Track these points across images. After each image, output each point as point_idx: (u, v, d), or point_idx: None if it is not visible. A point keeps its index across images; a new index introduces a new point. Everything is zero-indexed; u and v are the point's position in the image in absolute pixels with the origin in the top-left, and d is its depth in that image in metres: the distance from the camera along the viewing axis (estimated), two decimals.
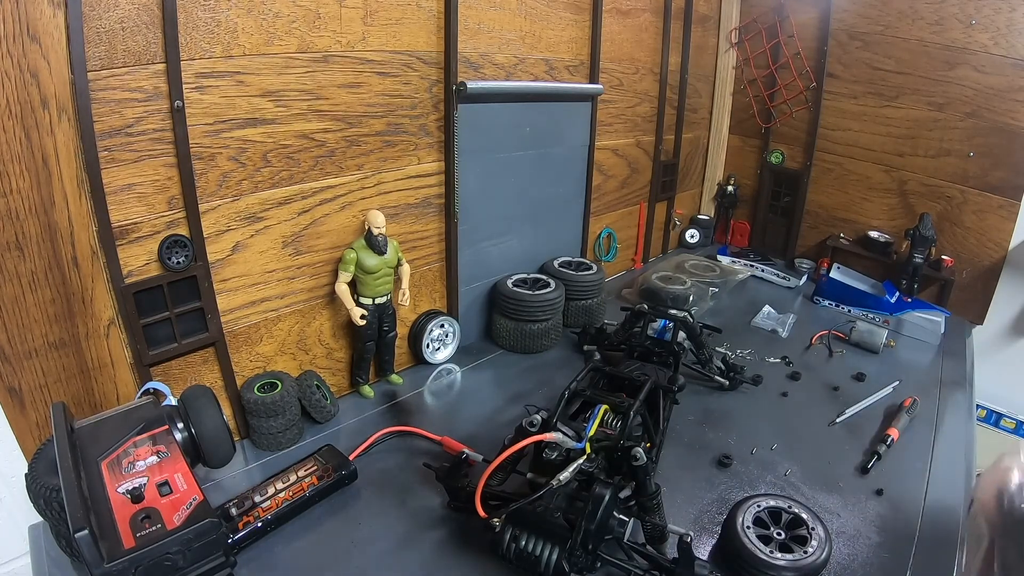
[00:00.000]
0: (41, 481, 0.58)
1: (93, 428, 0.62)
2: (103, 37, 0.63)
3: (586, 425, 0.68)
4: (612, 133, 1.40)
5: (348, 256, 0.89)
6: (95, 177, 0.65)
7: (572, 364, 1.11)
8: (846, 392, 1.05)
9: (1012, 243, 1.34)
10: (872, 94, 1.46)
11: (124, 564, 0.49)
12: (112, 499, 0.54)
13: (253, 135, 0.78)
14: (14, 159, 0.61)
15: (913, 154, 1.44)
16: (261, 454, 0.83)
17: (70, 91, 0.62)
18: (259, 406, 0.81)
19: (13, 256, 0.63)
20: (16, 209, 0.62)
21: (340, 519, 0.72)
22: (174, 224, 0.74)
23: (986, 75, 1.29)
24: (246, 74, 0.75)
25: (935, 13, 1.33)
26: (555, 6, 1.13)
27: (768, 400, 1.01)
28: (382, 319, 0.95)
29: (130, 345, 0.73)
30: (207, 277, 0.77)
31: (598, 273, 1.25)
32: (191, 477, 0.58)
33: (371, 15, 0.85)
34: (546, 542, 0.59)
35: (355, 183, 0.91)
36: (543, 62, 1.15)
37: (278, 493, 0.71)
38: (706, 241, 1.80)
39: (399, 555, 0.67)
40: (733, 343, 1.20)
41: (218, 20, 0.71)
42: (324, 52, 0.82)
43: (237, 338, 0.84)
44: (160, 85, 0.68)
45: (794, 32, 1.53)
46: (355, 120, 0.88)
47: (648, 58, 1.43)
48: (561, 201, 1.30)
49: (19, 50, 0.58)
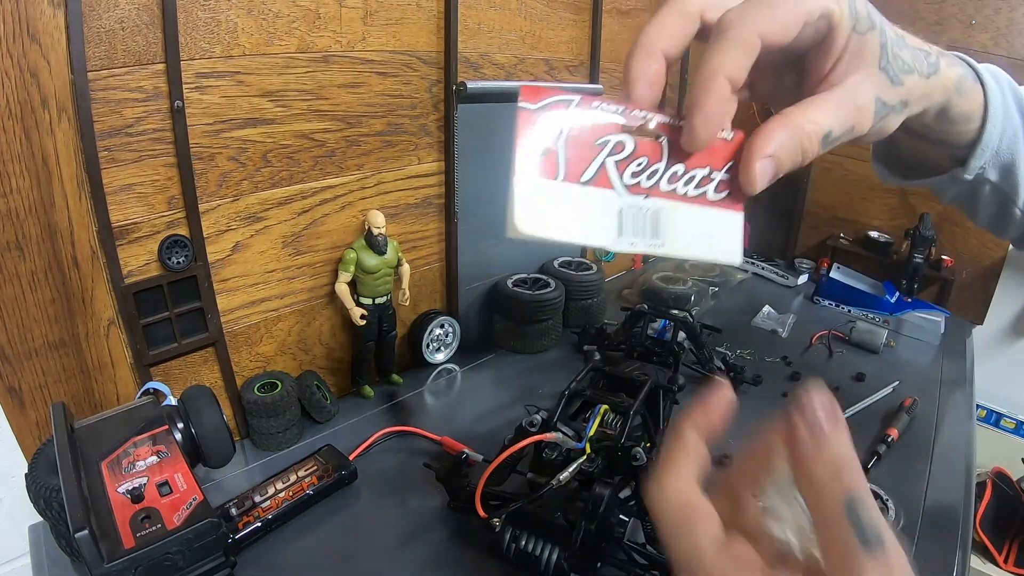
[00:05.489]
0: (41, 481, 0.58)
1: (93, 428, 0.62)
2: (103, 37, 0.63)
3: (586, 425, 0.68)
4: None
5: (348, 256, 0.89)
6: (95, 177, 0.65)
7: (572, 364, 1.11)
8: (846, 392, 1.05)
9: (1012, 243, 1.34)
10: None
11: (124, 564, 0.49)
12: (112, 499, 0.54)
13: (253, 135, 0.78)
14: (14, 159, 0.61)
15: None
16: (261, 454, 0.83)
17: (70, 91, 0.62)
18: (259, 406, 0.81)
19: (13, 256, 0.63)
20: (16, 209, 0.62)
21: (340, 519, 0.72)
22: (174, 224, 0.74)
23: None
24: (246, 74, 0.75)
25: (935, 13, 1.33)
26: (555, 6, 1.13)
27: (768, 400, 1.01)
28: (382, 319, 0.95)
29: (130, 345, 0.73)
30: (207, 277, 0.77)
31: (598, 273, 1.25)
32: (191, 477, 0.58)
33: (371, 15, 0.85)
34: (546, 542, 0.59)
35: (355, 183, 0.91)
36: (543, 62, 1.15)
37: (278, 493, 0.71)
38: None
39: (399, 555, 0.67)
40: (733, 343, 1.20)
41: (218, 20, 0.71)
42: (324, 52, 0.82)
43: (237, 338, 0.84)
44: (160, 85, 0.68)
45: None
46: (355, 120, 0.88)
47: None
48: None
49: (19, 50, 0.58)
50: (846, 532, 0.21)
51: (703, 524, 0.24)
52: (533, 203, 0.24)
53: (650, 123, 0.27)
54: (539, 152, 0.25)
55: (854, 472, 0.23)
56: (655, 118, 0.27)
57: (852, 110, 0.31)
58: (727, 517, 0.25)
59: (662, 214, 0.27)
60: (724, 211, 0.29)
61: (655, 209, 0.27)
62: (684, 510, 0.25)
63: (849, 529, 0.21)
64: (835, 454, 0.23)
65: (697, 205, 0.28)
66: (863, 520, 0.21)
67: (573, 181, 0.25)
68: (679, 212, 0.27)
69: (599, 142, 0.26)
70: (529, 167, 0.24)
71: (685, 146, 0.27)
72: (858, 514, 0.21)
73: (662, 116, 0.27)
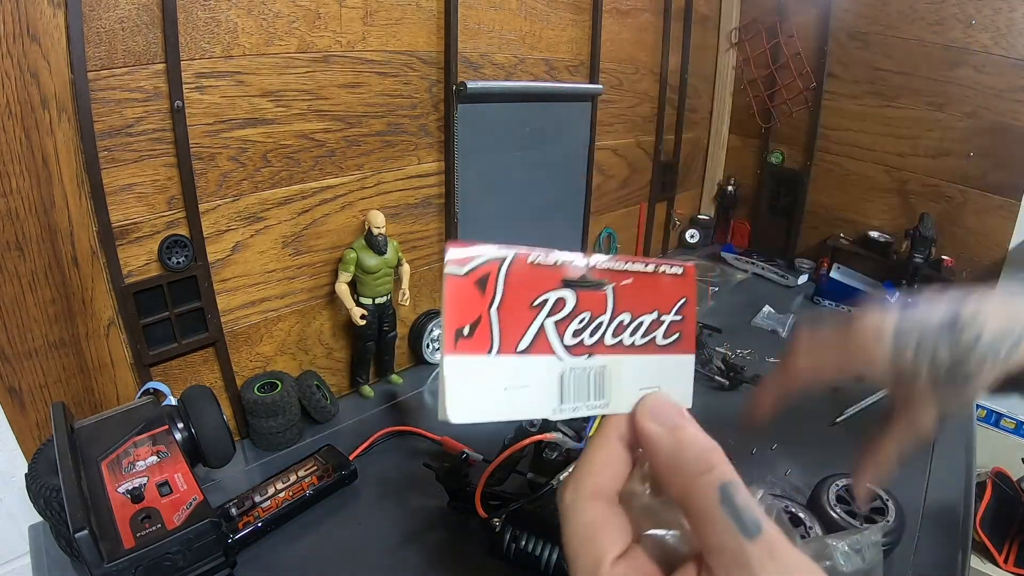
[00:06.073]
0: (41, 481, 0.58)
1: (93, 428, 0.62)
2: (103, 37, 0.63)
3: (586, 425, 0.68)
4: (612, 133, 1.40)
5: (348, 256, 0.89)
6: (95, 177, 0.65)
7: None
8: (846, 392, 1.04)
9: (1012, 243, 1.34)
10: (872, 94, 1.46)
11: (124, 564, 0.49)
12: (112, 499, 0.54)
13: (253, 135, 0.78)
14: (14, 159, 0.61)
15: (913, 154, 1.44)
16: (261, 454, 0.83)
17: (70, 91, 0.62)
18: (259, 406, 0.81)
19: (13, 256, 0.63)
20: (16, 209, 0.62)
21: (340, 519, 0.72)
22: (174, 224, 0.74)
23: (986, 75, 1.29)
24: (246, 74, 0.75)
25: (935, 13, 1.33)
26: (555, 6, 1.13)
27: None
28: (382, 319, 0.95)
29: (130, 345, 0.73)
30: (207, 277, 0.77)
31: None
32: (191, 477, 0.58)
33: (371, 15, 0.85)
34: (546, 542, 0.59)
35: (355, 183, 0.91)
36: (543, 62, 1.15)
37: (278, 493, 0.71)
38: (706, 241, 1.80)
39: (399, 555, 0.67)
40: (733, 343, 1.20)
41: (218, 20, 0.71)
42: (324, 52, 0.82)
43: (237, 338, 0.84)
44: (160, 85, 0.68)
45: (794, 32, 1.53)
46: (355, 120, 0.88)
47: (648, 58, 1.43)
48: (561, 201, 1.30)
49: (19, 50, 0.58)
50: (725, 525, 0.20)
51: (605, 541, 0.23)
52: (465, 386, 0.22)
53: (594, 270, 0.24)
54: (469, 324, 0.22)
55: (721, 461, 0.22)
56: (599, 262, 0.24)
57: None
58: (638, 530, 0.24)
59: (607, 371, 0.25)
60: (674, 356, 0.27)
61: (599, 368, 0.25)
62: (589, 528, 0.23)
63: (727, 521, 0.20)
64: (699, 447, 0.22)
65: (645, 355, 0.26)
66: (740, 508, 0.20)
67: (508, 352, 0.22)
68: (625, 366, 0.25)
69: (536, 302, 0.23)
70: (459, 344, 0.22)
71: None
72: (734, 503, 0.20)
73: (608, 261, 0.25)
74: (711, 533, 0.21)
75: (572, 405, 0.24)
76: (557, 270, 0.23)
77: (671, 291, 0.27)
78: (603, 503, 0.24)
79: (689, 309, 0.27)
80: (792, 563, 0.20)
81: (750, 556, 0.20)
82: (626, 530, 0.23)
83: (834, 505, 0.67)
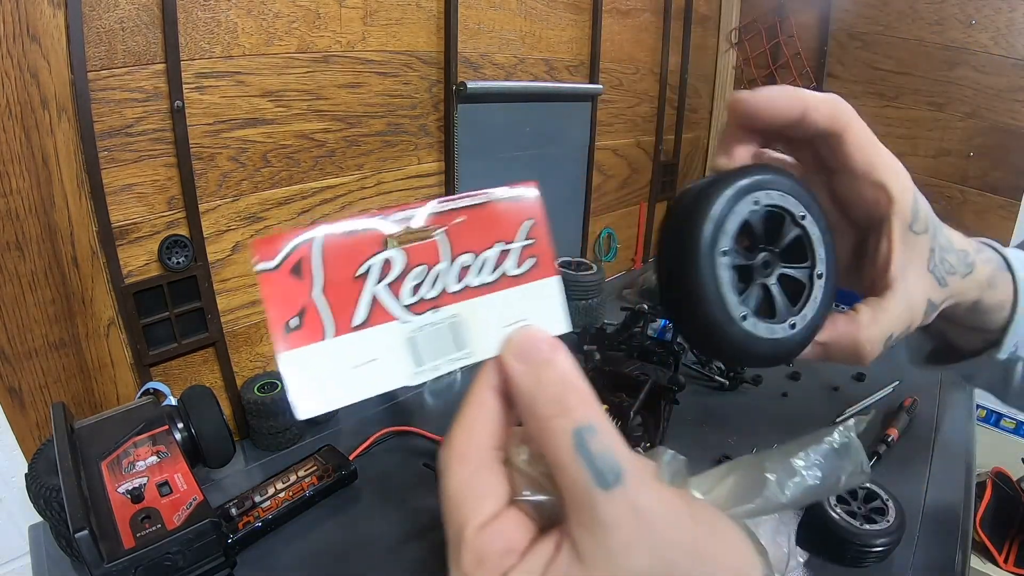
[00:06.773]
0: (41, 481, 0.58)
1: (93, 428, 0.62)
2: (103, 37, 0.63)
3: None
4: (612, 133, 1.40)
5: None
6: (95, 177, 0.65)
7: None
8: (846, 392, 1.04)
9: (1012, 243, 1.34)
10: (872, 94, 1.46)
11: (124, 564, 0.49)
12: (112, 499, 0.54)
13: (253, 135, 0.78)
14: (14, 159, 0.61)
15: (913, 154, 1.44)
16: (261, 454, 0.83)
17: (70, 91, 0.62)
18: (259, 406, 0.81)
19: (13, 256, 0.63)
20: (16, 209, 0.62)
21: (340, 519, 0.72)
22: (174, 224, 0.74)
23: (986, 75, 1.29)
24: (246, 74, 0.75)
25: (935, 13, 1.33)
26: (555, 6, 1.13)
27: (768, 400, 1.01)
28: None
29: (130, 345, 0.73)
30: (207, 277, 0.77)
31: (598, 273, 1.25)
32: (191, 477, 0.58)
33: (371, 15, 0.85)
34: None
35: (355, 183, 0.91)
36: (543, 62, 1.15)
37: (278, 493, 0.71)
38: None
39: (399, 555, 0.67)
40: None
41: (218, 20, 0.71)
42: (324, 52, 0.82)
43: (237, 338, 0.84)
44: (160, 85, 0.68)
45: (794, 32, 1.53)
46: (355, 120, 0.88)
47: (648, 58, 1.43)
48: (561, 201, 1.30)
49: (19, 50, 0.58)
50: (579, 472, 0.18)
51: (470, 506, 0.20)
52: (308, 377, 0.21)
53: (415, 220, 0.23)
54: (295, 315, 0.21)
55: (582, 402, 0.19)
56: (419, 212, 0.23)
57: (908, 313, 0.32)
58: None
59: (460, 319, 0.23)
60: (534, 283, 0.25)
61: (449, 318, 0.23)
62: (455, 492, 0.21)
63: (581, 468, 0.18)
64: (557, 385, 0.20)
65: (499, 291, 0.24)
66: (594, 454, 0.18)
67: (344, 332, 0.21)
68: (479, 309, 0.23)
69: (360, 272, 0.22)
70: (291, 338, 0.20)
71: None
72: (589, 448, 0.18)
73: (428, 206, 0.23)
74: (565, 483, 0.18)
75: (432, 364, 0.23)
76: (373, 234, 0.22)
77: (512, 216, 0.24)
78: (474, 464, 0.21)
79: (539, 230, 0.25)
80: (662, 518, 0.18)
81: (603, 509, 0.17)
82: (498, 493, 0.21)
83: (834, 505, 0.67)
